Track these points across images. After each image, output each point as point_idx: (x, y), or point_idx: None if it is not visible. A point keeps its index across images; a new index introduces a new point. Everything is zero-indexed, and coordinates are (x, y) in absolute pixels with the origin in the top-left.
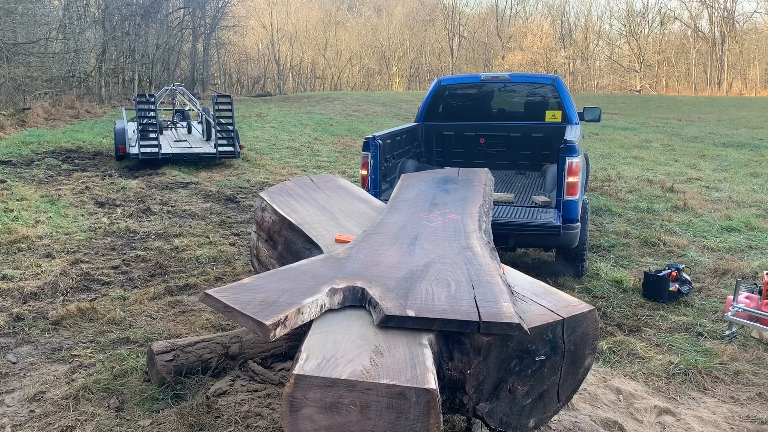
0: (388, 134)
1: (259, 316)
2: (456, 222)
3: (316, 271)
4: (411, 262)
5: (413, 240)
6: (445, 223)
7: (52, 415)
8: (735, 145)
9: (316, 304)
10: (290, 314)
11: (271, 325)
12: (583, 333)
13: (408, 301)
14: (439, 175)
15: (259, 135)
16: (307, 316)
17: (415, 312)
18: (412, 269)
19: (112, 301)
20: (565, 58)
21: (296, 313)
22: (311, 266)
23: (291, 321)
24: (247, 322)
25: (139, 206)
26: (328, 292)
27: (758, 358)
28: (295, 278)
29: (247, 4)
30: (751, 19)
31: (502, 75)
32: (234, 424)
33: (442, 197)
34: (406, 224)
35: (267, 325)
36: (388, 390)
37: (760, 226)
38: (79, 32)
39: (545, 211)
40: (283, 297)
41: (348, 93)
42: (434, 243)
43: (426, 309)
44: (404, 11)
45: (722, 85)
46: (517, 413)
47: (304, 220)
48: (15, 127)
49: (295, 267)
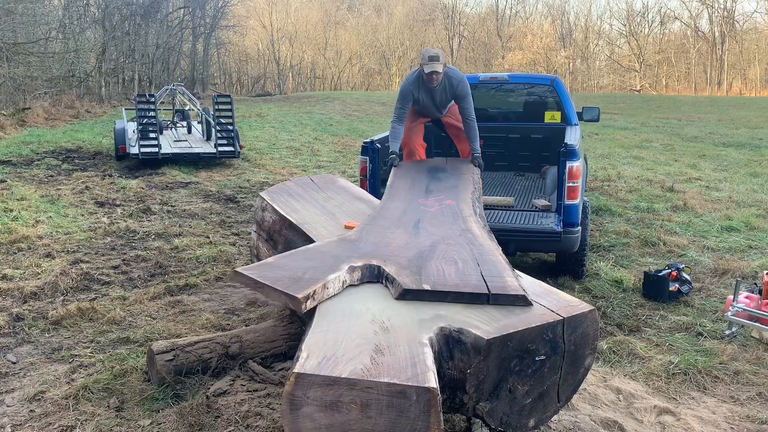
0: (386, 137)
1: (290, 290)
2: (452, 207)
3: (333, 251)
4: (418, 243)
5: (416, 224)
6: (443, 208)
7: (52, 415)
8: (735, 145)
9: (338, 280)
10: (318, 288)
11: (302, 298)
12: (583, 333)
13: (422, 277)
14: (429, 164)
15: (259, 135)
16: (332, 291)
17: (430, 286)
18: (420, 249)
19: (112, 301)
20: (565, 58)
21: (323, 287)
22: (327, 247)
23: (319, 294)
24: (279, 297)
25: (139, 206)
26: (347, 269)
27: (758, 358)
28: (314, 257)
29: (247, 4)
30: (751, 19)
31: (501, 76)
32: (234, 424)
33: (435, 185)
34: (406, 210)
35: (299, 297)
36: (388, 388)
37: (760, 226)
38: (79, 32)
39: (546, 216)
40: (308, 274)
41: (348, 93)
42: (436, 226)
43: (440, 283)
44: (404, 11)
45: (722, 85)
46: (517, 413)
47: (304, 219)
48: (15, 126)
49: (313, 248)
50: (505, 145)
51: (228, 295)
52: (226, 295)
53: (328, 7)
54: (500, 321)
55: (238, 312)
